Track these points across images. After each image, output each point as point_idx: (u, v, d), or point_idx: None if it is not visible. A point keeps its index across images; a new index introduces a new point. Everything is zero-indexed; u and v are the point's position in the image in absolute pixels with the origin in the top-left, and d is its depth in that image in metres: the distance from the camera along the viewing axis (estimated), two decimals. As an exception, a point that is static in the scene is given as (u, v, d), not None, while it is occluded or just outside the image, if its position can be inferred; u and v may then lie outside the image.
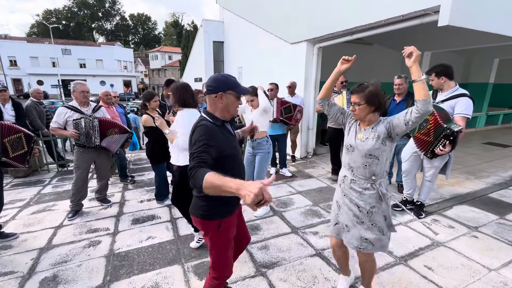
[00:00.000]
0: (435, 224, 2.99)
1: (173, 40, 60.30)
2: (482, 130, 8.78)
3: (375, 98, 1.60)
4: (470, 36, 5.29)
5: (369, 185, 1.65)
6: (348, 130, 1.79)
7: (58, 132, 3.02)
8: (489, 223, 3.00)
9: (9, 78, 31.20)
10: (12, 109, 4.40)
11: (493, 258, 2.40)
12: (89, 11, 56.74)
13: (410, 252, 2.48)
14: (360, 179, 1.67)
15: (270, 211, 3.31)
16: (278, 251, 2.52)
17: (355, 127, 1.74)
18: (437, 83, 2.85)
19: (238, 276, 2.19)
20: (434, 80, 2.85)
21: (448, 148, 2.58)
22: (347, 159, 1.74)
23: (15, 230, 2.88)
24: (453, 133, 2.54)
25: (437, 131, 2.65)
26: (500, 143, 7.00)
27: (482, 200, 3.61)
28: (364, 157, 1.63)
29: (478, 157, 5.69)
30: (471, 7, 3.05)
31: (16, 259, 2.42)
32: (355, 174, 1.69)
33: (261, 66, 7.23)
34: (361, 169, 1.66)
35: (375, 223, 1.67)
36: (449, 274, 2.19)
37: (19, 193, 3.93)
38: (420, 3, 3.12)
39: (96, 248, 2.57)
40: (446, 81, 2.80)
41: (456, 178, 4.38)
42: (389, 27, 3.65)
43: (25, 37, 39.68)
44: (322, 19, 4.71)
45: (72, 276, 2.20)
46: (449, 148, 2.58)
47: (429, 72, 2.89)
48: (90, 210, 3.37)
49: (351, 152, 1.71)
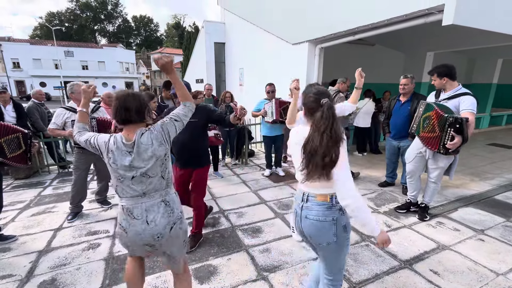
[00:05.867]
0: (440, 226, 2.93)
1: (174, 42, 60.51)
2: (486, 131, 8.70)
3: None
4: (473, 36, 5.24)
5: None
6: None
7: (56, 132, 3.01)
8: (496, 226, 2.94)
9: (12, 80, 31.39)
10: (13, 110, 4.40)
11: (500, 262, 2.34)
12: (92, 13, 57.06)
13: (415, 256, 2.43)
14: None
15: (272, 214, 3.27)
16: (280, 254, 2.48)
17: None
18: (439, 84, 2.81)
19: (239, 280, 2.15)
20: (436, 80, 2.81)
21: (457, 139, 2.49)
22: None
23: (14, 232, 2.85)
24: (457, 120, 2.50)
25: (441, 122, 2.62)
26: (505, 144, 6.93)
27: (487, 202, 3.55)
28: None
29: (482, 158, 5.62)
30: (475, 6, 3.00)
31: (15, 262, 2.38)
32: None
33: (262, 67, 7.21)
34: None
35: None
36: (456, 279, 2.14)
37: (19, 194, 3.92)
38: (424, 2, 3.08)
39: (95, 251, 2.54)
40: (448, 82, 2.76)
41: (460, 179, 4.31)
42: (392, 26, 3.60)
43: (28, 39, 39.95)
44: (323, 19, 4.68)
45: (70, 279, 2.16)
46: (458, 139, 2.49)
47: (431, 72, 2.84)
48: (90, 212, 3.34)
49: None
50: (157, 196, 1.49)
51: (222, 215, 3.24)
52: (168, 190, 1.54)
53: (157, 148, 1.44)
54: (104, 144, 1.43)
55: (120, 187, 1.45)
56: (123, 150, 1.40)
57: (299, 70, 5.35)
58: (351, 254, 2.46)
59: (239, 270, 2.26)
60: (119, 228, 1.50)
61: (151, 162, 1.43)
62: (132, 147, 1.40)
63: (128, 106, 1.39)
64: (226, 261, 2.38)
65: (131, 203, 1.45)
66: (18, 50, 31.60)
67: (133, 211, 1.45)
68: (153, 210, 1.46)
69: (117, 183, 1.45)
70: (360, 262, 2.34)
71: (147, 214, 1.45)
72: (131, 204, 1.45)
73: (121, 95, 1.41)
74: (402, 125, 3.56)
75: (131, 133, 1.43)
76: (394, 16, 3.44)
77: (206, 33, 9.50)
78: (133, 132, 1.43)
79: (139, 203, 1.45)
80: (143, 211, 1.45)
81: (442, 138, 2.63)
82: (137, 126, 1.45)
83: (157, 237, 1.47)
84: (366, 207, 1.32)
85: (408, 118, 3.43)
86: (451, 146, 2.55)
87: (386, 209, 3.38)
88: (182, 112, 1.60)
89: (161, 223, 1.47)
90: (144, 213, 1.44)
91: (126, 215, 1.46)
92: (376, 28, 3.83)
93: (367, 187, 4.07)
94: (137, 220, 1.44)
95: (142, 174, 1.42)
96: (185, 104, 1.62)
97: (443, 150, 2.66)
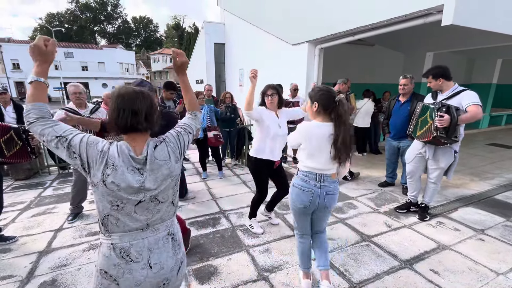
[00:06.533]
0: (440, 226, 2.94)
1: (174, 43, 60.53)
2: (485, 131, 8.71)
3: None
4: (472, 37, 5.25)
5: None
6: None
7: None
8: (496, 226, 2.94)
9: (12, 81, 31.38)
10: (13, 111, 4.40)
11: (500, 261, 2.34)
12: (92, 14, 57.12)
13: (415, 256, 2.43)
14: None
15: (272, 214, 3.27)
16: (281, 254, 2.48)
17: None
18: (435, 85, 2.82)
19: (240, 280, 2.15)
20: (432, 82, 2.82)
21: (446, 116, 2.53)
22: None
23: (15, 233, 2.85)
24: (443, 105, 2.60)
25: (431, 112, 2.70)
26: (504, 144, 6.93)
27: (487, 202, 3.55)
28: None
29: (482, 158, 5.62)
30: (475, 6, 3.01)
31: (15, 263, 2.38)
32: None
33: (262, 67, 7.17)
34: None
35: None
36: (456, 278, 2.14)
37: (19, 195, 3.92)
38: (423, 3, 3.09)
39: (96, 252, 2.54)
40: (444, 82, 2.77)
41: (460, 179, 4.32)
42: (392, 27, 3.61)
43: (28, 40, 39.99)
44: (323, 20, 4.69)
45: (71, 280, 2.16)
46: (447, 117, 2.53)
47: (426, 74, 2.86)
48: (91, 212, 3.34)
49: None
50: (162, 228, 1.13)
51: (223, 216, 3.24)
52: (174, 219, 1.21)
53: (174, 164, 1.13)
54: (100, 153, 1.01)
55: (113, 217, 1.04)
56: (131, 166, 1.04)
57: (299, 71, 5.36)
58: (352, 254, 2.47)
59: (240, 270, 2.26)
60: (103, 278, 1.05)
61: (165, 183, 1.11)
62: (144, 162, 1.06)
63: (137, 108, 1.03)
64: (226, 262, 2.38)
65: (127, 240, 1.05)
66: (18, 51, 31.57)
67: (130, 251, 1.05)
68: (158, 248, 1.10)
69: (110, 211, 1.04)
70: (361, 262, 2.35)
71: (149, 254, 1.08)
72: (127, 241, 1.05)
73: (126, 93, 1.05)
74: (401, 125, 3.57)
75: (138, 145, 1.08)
76: (393, 17, 3.45)
77: (206, 34, 9.52)
78: (140, 143, 1.08)
79: (140, 239, 1.07)
80: (144, 250, 1.07)
81: (433, 125, 2.66)
82: (145, 136, 1.10)
83: (162, 284, 1.13)
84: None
85: (407, 118, 3.43)
86: (441, 122, 2.56)
87: (386, 209, 3.38)
88: (194, 123, 1.32)
89: (167, 265, 1.12)
90: (146, 253, 1.07)
91: (118, 258, 1.04)
92: (375, 29, 3.84)
93: (367, 187, 4.08)
94: (136, 264, 1.05)
95: (151, 198, 1.08)
96: (195, 115, 1.34)
97: (435, 133, 2.64)
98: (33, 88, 1.01)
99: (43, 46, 1.01)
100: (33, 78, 1.00)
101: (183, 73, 1.30)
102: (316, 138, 1.72)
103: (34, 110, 1.00)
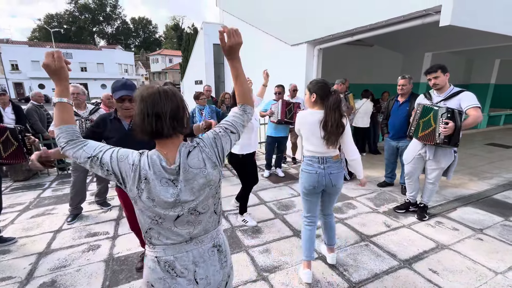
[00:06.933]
0: (439, 226, 2.95)
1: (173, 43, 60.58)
2: (484, 131, 8.73)
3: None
4: (471, 37, 5.27)
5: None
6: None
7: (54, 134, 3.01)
8: (494, 225, 2.96)
9: (10, 82, 31.32)
10: (12, 112, 4.40)
11: (499, 261, 2.35)
12: (90, 15, 57.10)
13: (414, 255, 2.44)
14: None
15: (271, 214, 3.27)
16: (280, 254, 2.48)
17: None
18: (442, 80, 2.72)
19: (239, 280, 2.15)
20: (440, 76, 2.71)
21: (451, 123, 2.50)
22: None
23: (14, 234, 2.85)
24: (448, 110, 2.56)
25: (435, 115, 2.66)
26: (503, 144, 6.96)
27: (486, 201, 3.57)
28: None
29: (481, 158, 5.64)
30: (472, 6, 3.03)
31: (14, 264, 2.38)
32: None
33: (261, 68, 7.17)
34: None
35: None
36: (455, 278, 2.15)
37: (18, 196, 3.91)
38: (421, 3, 3.10)
39: (95, 253, 2.54)
40: (447, 79, 2.75)
41: (459, 179, 4.33)
42: (390, 27, 3.62)
43: (27, 41, 39.97)
44: (322, 20, 4.70)
45: (70, 281, 2.16)
46: (452, 124, 2.50)
47: (433, 69, 2.74)
48: (90, 213, 3.34)
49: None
50: (207, 240, 1.05)
51: (222, 216, 3.24)
52: (219, 228, 1.11)
53: (211, 172, 1.01)
54: (131, 167, 0.93)
55: (155, 230, 0.98)
56: (164, 177, 0.94)
57: (298, 71, 5.37)
58: (351, 254, 2.47)
59: (239, 270, 2.26)
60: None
61: (203, 193, 1.00)
62: (177, 172, 0.95)
63: (160, 111, 0.91)
64: (226, 262, 2.38)
65: (171, 253, 0.99)
66: (17, 52, 31.53)
67: (175, 265, 0.98)
68: (204, 261, 1.03)
69: (151, 225, 0.97)
70: (360, 262, 2.35)
71: (195, 269, 1.01)
72: (172, 254, 0.99)
73: (148, 94, 0.92)
74: (400, 126, 3.58)
75: (170, 152, 0.96)
76: (391, 17, 3.46)
77: (205, 35, 9.52)
78: (172, 150, 0.97)
79: (184, 252, 1.00)
80: (189, 263, 1.00)
81: (436, 129, 2.65)
82: (176, 141, 0.98)
83: None
84: (361, 161, 2.05)
85: (406, 118, 3.44)
86: (445, 130, 2.53)
87: (385, 209, 3.39)
88: (240, 119, 1.12)
89: (215, 280, 1.05)
90: (192, 267, 1.00)
91: (163, 271, 0.98)
92: (374, 29, 3.85)
93: (366, 187, 4.08)
94: (181, 279, 0.99)
95: (190, 211, 0.99)
96: (245, 110, 1.14)
97: (438, 139, 2.64)
98: (56, 110, 0.97)
99: (52, 64, 0.95)
100: (55, 100, 0.96)
101: (233, 57, 1.09)
102: (309, 123, 1.97)
103: (62, 134, 0.95)
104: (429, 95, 2.92)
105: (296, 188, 4.10)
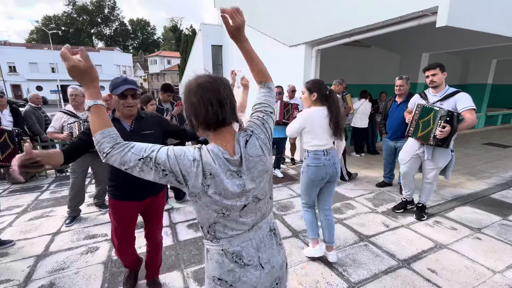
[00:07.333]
0: (437, 226, 2.96)
1: (172, 45, 60.61)
2: (481, 130, 8.78)
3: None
4: (468, 37, 5.31)
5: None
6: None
7: (54, 136, 3.05)
8: (492, 225, 2.97)
9: (8, 84, 31.18)
10: (10, 114, 4.39)
11: (497, 260, 2.36)
12: (88, 17, 57.04)
13: (413, 255, 2.45)
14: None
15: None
16: (279, 255, 2.48)
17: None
18: (440, 78, 2.74)
19: (239, 281, 2.14)
20: (438, 74, 2.73)
21: (448, 127, 2.53)
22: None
23: (12, 237, 2.84)
24: (448, 113, 2.57)
25: (434, 116, 2.67)
26: (500, 143, 7.00)
27: (484, 201, 3.58)
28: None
29: (479, 157, 5.67)
30: (469, 7, 3.05)
31: (12, 267, 2.37)
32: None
33: (259, 69, 7.22)
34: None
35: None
36: (453, 277, 2.16)
37: (16, 199, 3.89)
38: (418, 5, 3.12)
39: (94, 255, 2.53)
40: (444, 77, 2.77)
41: (457, 179, 4.35)
42: (387, 28, 3.65)
43: (25, 43, 39.80)
44: (320, 21, 4.72)
45: (69, 283, 2.15)
46: (448, 129, 2.53)
47: (432, 66, 2.75)
48: (88, 215, 3.32)
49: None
50: (265, 225, 1.04)
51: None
52: (271, 213, 1.11)
53: (268, 158, 1.01)
54: (192, 163, 0.88)
55: (221, 223, 0.96)
56: (229, 170, 0.92)
57: (296, 72, 5.38)
58: (350, 254, 2.48)
59: (238, 271, 2.26)
60: (217, 285, 0.99)
61: (263, 180, 1.00)
62: (239, 163, 0.94)
63: (222, 97, 0.89)
64: (225, 263, 2.37)
65: (237, 243, 0.98)
66: (14, 54, 31.41)
67: (242, 254, 0.97)
68: (264, 246, 1.03)
69: (216, 219, 0.95)
70: (359, 262, 2.36)
71: (258, 255, 1.00)
72: (237, 245, 0.98)
73: (206, 82, 0.90)
74: (398, 126, 3.60)
75: (228, 142, 0.94)
76: (389, 18, 3.48)
77: (203, 36, 9.53)
78: (230, 140, 0.95)
79: (247, 240, 0.99)
80: (253, 251, 0.99)
81: (433, 130, 2.67)
82: (232, 130, 0.96)
83: (275, 284, 1.06)
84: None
85: (404, 119, 3.46)
86: (441, 135, 2.58)
87: (384, 209, 3.40)
88: (270, 97, 1.12)
89: (277, 263, 1.05)
90: (255, 253, 1.00)
91: (232, 262, 0.97)
92: (371, 30, 3.87)
93: (365, 188, 4.10)
94: (249, 266, 0.98)
95: (253, 199, 0.98)
96: (269, 87, 1.13)
97: (433, 141, 2.68)
98: (92, 114, 0.89)
99: (79, 65, 0.87)
100: (89, 103, 0.88)
101: (240, 38, 1.06)
102: (317, 119, 2.14)
103: (105, 138, 0.86)
104: (425, 94, 2.93)
105: (295, 189, 4.10)
